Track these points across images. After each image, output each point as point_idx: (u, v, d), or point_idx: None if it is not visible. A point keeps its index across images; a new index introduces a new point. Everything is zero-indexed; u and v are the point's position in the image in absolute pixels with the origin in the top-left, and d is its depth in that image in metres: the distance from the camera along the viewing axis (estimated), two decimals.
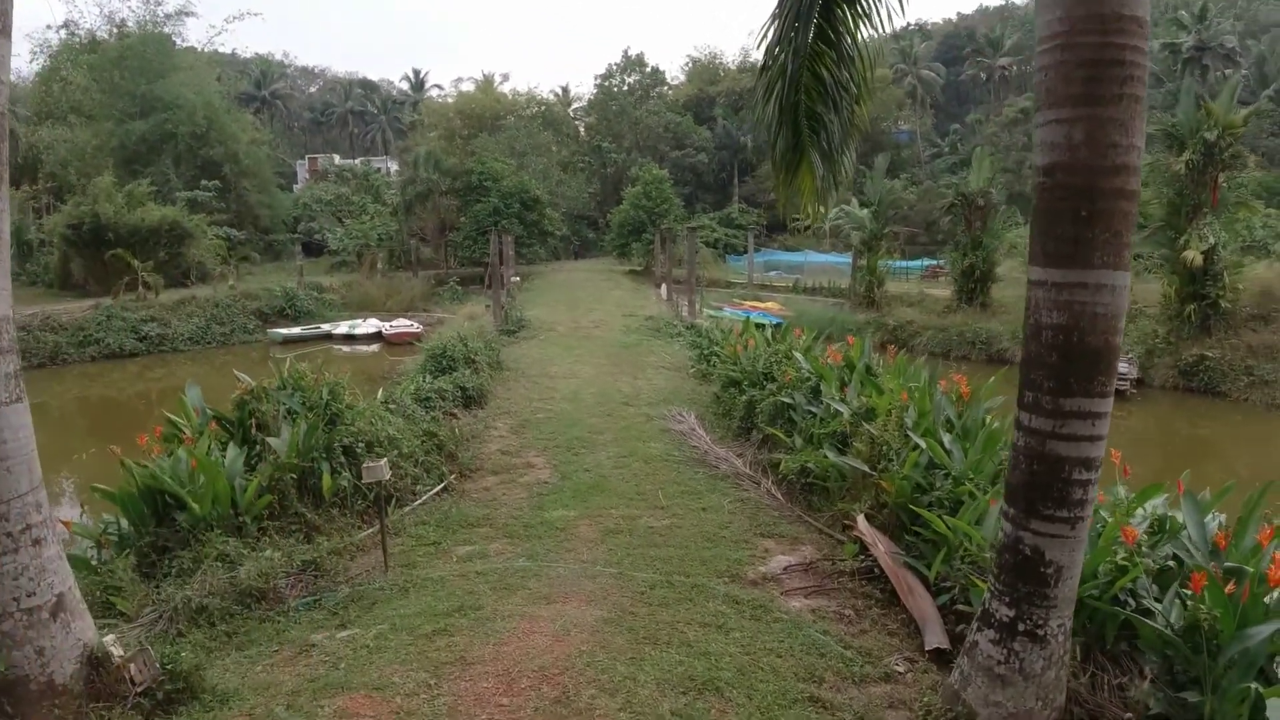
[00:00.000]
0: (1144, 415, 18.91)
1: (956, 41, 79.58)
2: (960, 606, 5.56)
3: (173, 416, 8.29)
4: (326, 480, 7.71)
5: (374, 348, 30.25)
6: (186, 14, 52.76)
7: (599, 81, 62.74)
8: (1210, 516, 5.11)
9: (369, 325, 31.60)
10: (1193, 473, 5.53)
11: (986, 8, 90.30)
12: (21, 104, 37.64)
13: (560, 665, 4.92)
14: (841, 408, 8.48)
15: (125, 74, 40.48)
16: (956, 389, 8.26)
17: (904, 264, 35.97)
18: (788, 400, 9.85)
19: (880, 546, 6.50)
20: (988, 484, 6.49)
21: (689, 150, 58.11)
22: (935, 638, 5.43)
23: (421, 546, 7.30)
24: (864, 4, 6.27)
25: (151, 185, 36.14)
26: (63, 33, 44.34)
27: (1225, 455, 16.68)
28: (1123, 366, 18.83)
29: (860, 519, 6.87)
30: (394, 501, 8.21)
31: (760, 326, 16.40)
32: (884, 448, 7.38)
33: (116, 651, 4.49)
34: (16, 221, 35.41)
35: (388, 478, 6.62)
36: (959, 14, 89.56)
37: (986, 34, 75.03)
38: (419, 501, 8.57)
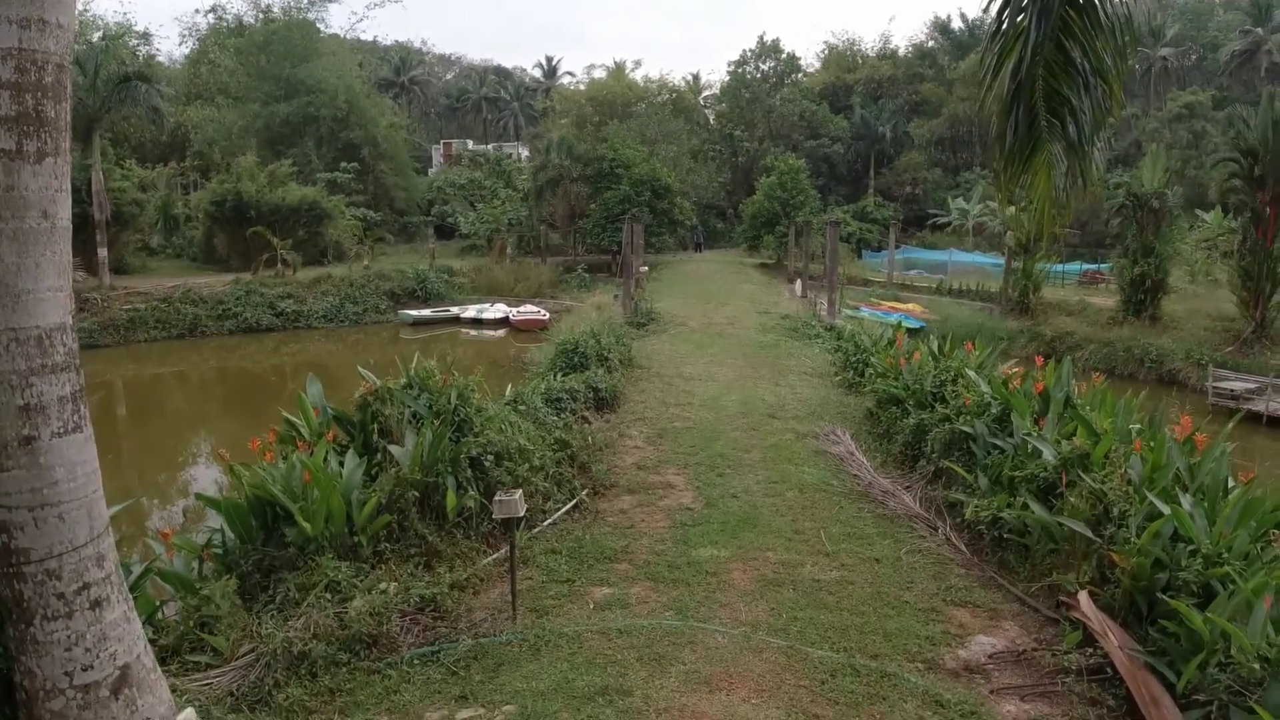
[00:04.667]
0: None
1: None
2: None
3: (290, 417, 7.65)
4: (451, 499, 6.92)
5: (500, 332, 30.05)
6: (330, 0, 54.06)
7: (732, 68, 60.73)
8: None
9: (496, 310, 31.45)
10: None
11: None
12: (170, 84, 39.24)
13: None
14: (1045, 448, 7.09)
15: (270, 58, 41.70)
16: (1189, 436, 6.81)
17: (1059, 268, 33.30)
18: (967, 429, 8.51)
19: (1112, 639, 5.20)
20: (1242, 565, 5.12)
21: (824, 140, 55.65)
22: None
23: (553, 584, 6.41)
24: None
25: (293, 166, 37.19)
26: (210, 17, 46.38)
27: None
28: None
29: (1083, 598, 5.56)
30: (522, 523, 7.36)
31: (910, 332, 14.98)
32: (1109, 508, 6.03)
33: None
34: (164, 196, 37.22)
35: (523, 514, 5.73)
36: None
37: (1146, 22, 69.58)
38: (549, 521, 7.72)
